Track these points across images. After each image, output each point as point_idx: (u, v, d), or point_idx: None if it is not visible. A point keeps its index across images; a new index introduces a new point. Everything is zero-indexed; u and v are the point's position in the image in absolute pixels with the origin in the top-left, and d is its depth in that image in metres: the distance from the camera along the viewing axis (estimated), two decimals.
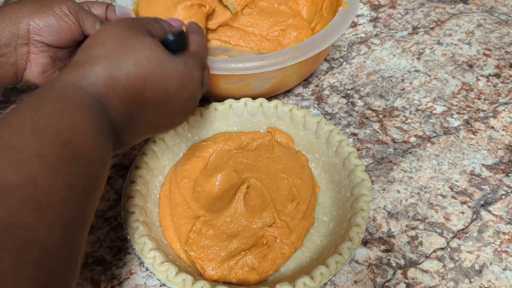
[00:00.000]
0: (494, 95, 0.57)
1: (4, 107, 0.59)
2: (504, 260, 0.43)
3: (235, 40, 0.60)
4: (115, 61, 0.32)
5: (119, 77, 0.31)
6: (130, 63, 0.32)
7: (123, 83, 0.32)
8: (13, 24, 0.46)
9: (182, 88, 0.35)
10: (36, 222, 0.23)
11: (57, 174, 0.25)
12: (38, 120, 0.27)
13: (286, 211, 0.44)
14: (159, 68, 0.33)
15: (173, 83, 0.34)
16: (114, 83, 0.31)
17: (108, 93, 0.31)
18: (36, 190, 0.24)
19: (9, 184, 0.23)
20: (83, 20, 0.49)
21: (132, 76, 0.32)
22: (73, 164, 0.26)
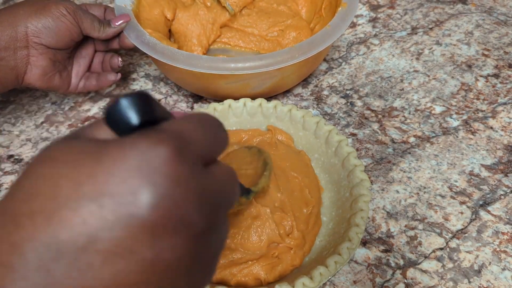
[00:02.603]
0: (493, 95, 0.57)
1: (3, 107, 0.59)
2: (503, 260, 0.43)
3: (234, 41, 0.61)
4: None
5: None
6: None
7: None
8: (11, 27, 0.46)
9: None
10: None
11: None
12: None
13: (302, 217, 0.42)
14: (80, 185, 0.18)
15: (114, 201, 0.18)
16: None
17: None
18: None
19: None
20: (81, 20, 0.49)
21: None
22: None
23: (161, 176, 0.18)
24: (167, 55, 0.49)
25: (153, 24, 0.57)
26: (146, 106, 0.20)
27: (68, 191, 0.18)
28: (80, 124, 0.56)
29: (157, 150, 0.18)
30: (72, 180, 0.18)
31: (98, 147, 0.19)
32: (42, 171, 0.18)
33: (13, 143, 0.55)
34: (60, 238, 0.17)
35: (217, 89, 0.53)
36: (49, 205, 0.18)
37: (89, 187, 0.18)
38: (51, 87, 0.51)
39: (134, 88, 0.60)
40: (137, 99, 0.19)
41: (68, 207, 0.17)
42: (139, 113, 0.19)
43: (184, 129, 0.20)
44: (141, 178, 0.18)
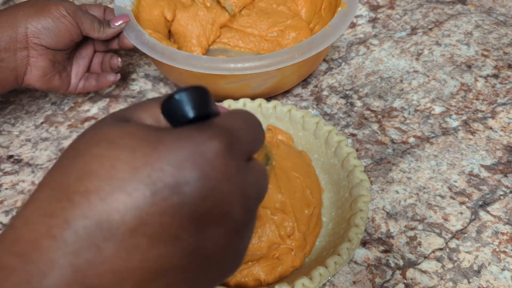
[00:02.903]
0: (492, 95, 0.57)
1: (3, 108, 0.59)
2: (503, 260, 0.43)
3: (234, 41, 0.61)
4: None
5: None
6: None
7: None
8: (11, 28, 0.46)
9: (193, 193, 0.19)
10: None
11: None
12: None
13: (304, 218, 0.42)
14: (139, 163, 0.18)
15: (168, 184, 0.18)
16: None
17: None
18: None
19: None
20: (81, 20, 0.49)
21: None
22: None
23: (213, 169, 0.19)
24: (167, 56, 0.49)
25: (152, 25, 0.57)
26: (202, 101, 0.20)
27: (124, 174, 0.18)
28: (80, 125, 0.56)
29: (211, 144, 0.19)
30: (129, 164, 0.18)
31: (156, 135, 0.19)
32: (99, 152, 0.19)
33: (13, 144, 0.55)
34: (113, 218, 0.18)
35: (217, 89, 0.53)
36: (104, 186, 0.18)
37: (144, 173, 0.18)
38: (51, 88, 0.51)
39: (133, 88, 0.60)
40: (195, 94, 0.20)
41: (123, 189, 0.18)
42: (195, 107, 0.20)
43: (234, 126, 0.21)
44: (194, 169, 0.19)
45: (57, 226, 0.18)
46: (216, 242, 0.20)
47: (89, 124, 0.56)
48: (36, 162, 0.52)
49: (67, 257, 0.18)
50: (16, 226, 0.19)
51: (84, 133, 0.21)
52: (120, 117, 0.21)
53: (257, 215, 0.41)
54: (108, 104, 0.58)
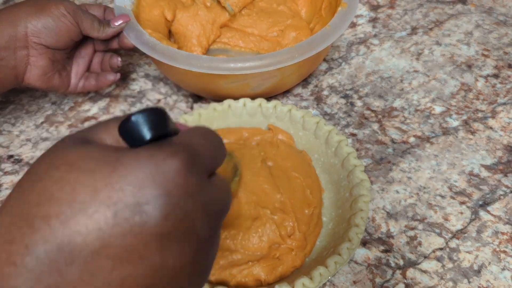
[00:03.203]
0: (492, 95, 0.57)
1: (3, 107, 0.59)
2: (503, 260, 0.43)
3: (234, 41, 0.60)
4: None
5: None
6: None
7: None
8: (11, 27, 0.46)
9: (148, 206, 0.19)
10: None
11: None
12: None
13: (304, 218, 0.42)
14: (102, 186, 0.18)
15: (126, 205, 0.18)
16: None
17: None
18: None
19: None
20: (81, 20, 0.49)
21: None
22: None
23: (174, 186, 0.19)
24: (167, 55, 0.49)
25: (153, 25, 0.57)
26: (159, 122, 0.21)
27: (85, 196, 0.18)
28: (80, 124, 0.56)
29: (171, 161, 0.19)
30: (89, 186, 0.18)
31: (115, 155, 0.19)
32: (59, 175, 0.19)
33: (13, 143, 0.55)
34: (75, 241, 0.18)
35: (217, 89, 0.53)
36: (65, 209, 0.18)
37: (105, 195, 0.18)
38: (51, 87, 0.51)
39: (134, 88, 0.60)
40: (151, 116, 0.20)
41: (84, 212, 0.18)
42: (152, 129, 0.20)
43: (193, 142, 0.21)
44: (155, 188, 0.19)
45: (18, 253, 0.18)
46: (181, 259, 0.20)
47: (89, 124, 0.56)
48: None
49: (29, 283, 0.17)
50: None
51: (43, 155, 0.20)
52: (80, 138, 0.21)
53: (257, 215, 0.41)
54: (108, 104, 0.58)
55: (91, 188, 0.18)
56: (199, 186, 0.20)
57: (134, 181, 0.18)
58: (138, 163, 0.19)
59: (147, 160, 0.19)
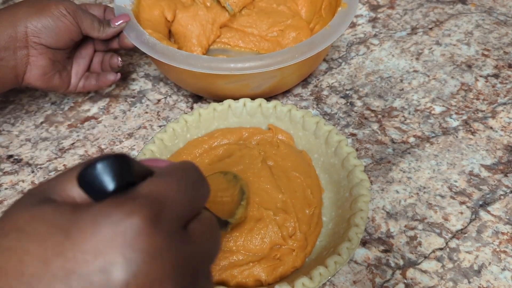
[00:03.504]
0: (492, 95, 0.57)
1: (3, 107, 0.59)
2: (503, 260, 0.43)
3: (234, 41, 0.60)
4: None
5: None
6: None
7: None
8: (11, 27, 0.46)
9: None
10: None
11: None
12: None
13: (305, 218, 0.42)
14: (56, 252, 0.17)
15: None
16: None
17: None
18: None
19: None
20: (81, 19, 0.49)
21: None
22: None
23: (135, 250, 0.17)
24: (167, 55, 0.49)
25: (153, 25, 0.57)
26: (123, 169, 0.18)
27: (34, 269, 0.16)
28: (79, 124, 0.56)
29: (130, 221, 0.17)
30: (38, 257, 0.16)
31: (70, 218, 0.17)
32: (7, 244, 0.17)
33: (12, 143, 0.55)
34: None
35: (217, 89, 0.53)
36: (14, 284, 0.16)
37: (56, 265, 0.16)
38: (51, 87, 0.51)
39: (134, 88, 0.60)
40: (112, 162, 0.18)
41: (33, 287, 0.16)
42: (115, 177, 0.18)
43: (161, 190, 0.18)
44: (112, 254, 0.17)
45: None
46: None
47: (89, 124, 0.56)
48: (36, 162, 0.52)
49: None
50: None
51: (1, 219, 0.18)
52: (40, 195, 0.19)
53: (260, 216, 0.41)
54: (108, 104, 0.58)
55: (41, 259, 0.16)
56: (169, 243, 0.18)
57: (89, 248, 0.16)
58: (95, 226, 0.17)
59: (104, 222, 0.17)
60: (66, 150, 0.53)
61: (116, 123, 0.56)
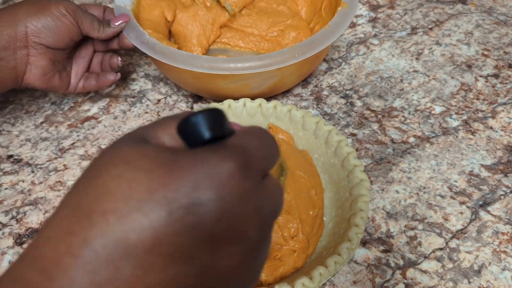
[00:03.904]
0: (492, 95, 0.57)
1: (3, 107, 0.59)
2: (503, 260, 0.43)
3: (234, 41, 0.60)
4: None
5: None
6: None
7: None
8: (10, 27, 0.46)
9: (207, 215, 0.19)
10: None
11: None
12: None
13: (308, 220, 0.42)
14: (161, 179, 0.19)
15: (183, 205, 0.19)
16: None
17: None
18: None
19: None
20: (81, 19, 0.49)
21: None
22: None
23: (228, 190, 0.19)
24: (167, 55, 0.49)
25: (153, 25, 0.57)
26: (217, 122, 0.21)
27: (141, 195, 0.18)
28: (80, 124, 0.56)
29: (225, 165, 0.19)
30: (145, 185, 0.19)
31: (171, 157, 0.20)
32: (117, 172, 0.19)
33: (12, 143, 0.55)
34: (130, 238, 0.18)
35: (217, 89, 0.53)
36: (121, 206, 0.18)
37: (160, 194, 0.18)
38: (51, 87, 0.51)
39: (133, 88, 0.60)
40: (210, 116, 0.21)
41: (139, 210, 0.18)
42: (211, 129, 0.20)
43: (248, 144, 0.21)
44: (209, 190, 0.19)
45: (77, 245, 0.18)
46: (230, 262, 0.20)
47: (89, 124, 0.56)
48: (35, 162, 0.52)
49: (86, 275, 0.18)
50: (39, 245, 0.19)
51: (103, 152, 0.21)
52: (138, 137, 0.21)
53: None
54: (108, 104, 0.58)
55: (147, 187, 0.19)
56: (253, 189, 0.20)
57: (189, 182, 0.19)
58: (194, 166, 0.19)
59: (202, 163, 0.19)
60: (66, 150, 0.53)
61: (116, 123, 0.56)
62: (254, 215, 0.20)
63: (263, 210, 0.21)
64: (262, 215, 0.21)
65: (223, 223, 0.19)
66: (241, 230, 0.20)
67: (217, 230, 0.19)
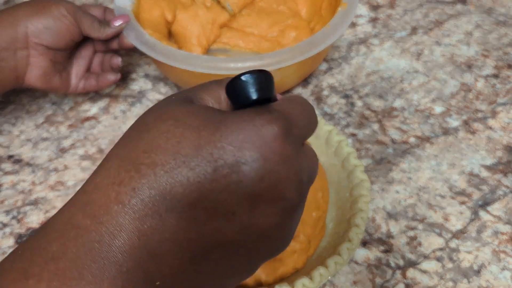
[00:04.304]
0: (492, 95, 0.57)
1: (3, 107, 0.59)
2: (503, 260, 0.43)
3: (234, 41, 0.60)
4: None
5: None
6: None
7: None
8: (11, 28, 0.46)
9: (249, 175, 0.20)
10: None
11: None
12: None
13: (310, 221, 0.42)
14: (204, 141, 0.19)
15: (229, 163, 0.20)
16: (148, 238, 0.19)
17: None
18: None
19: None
20: (81, 20, 0.49)
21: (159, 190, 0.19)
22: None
23: (271, 152, 0.20)
24: (167, 55, 0.49)
25: (153, 25, 0.57)
26: (266, 85, 0.21)
27: (189, 150, 0.19)
28: (80, 124, 0.56)
29: (270, 128, 0.20)
30: (193, 141, 0.19)
31: (218, 116, 0.20)
32: (166, 128, 0.20)
33: (13, 143, 0.55)
34: (176, 190, 0.19)
35: None
36: (170, 160, 0.19)
37: (207, 151, 0.19)
38: (51, 88, 0.51)
39: (134, 88, 0.60)
40: (260, 77, 0.21)
41: (186, 165, 0.19)
42: (258, 90, 0.21)
43: (291, 111, 0.22)
44: (253, 150, 0.20)
45: (125, 193, 0.19)
46: (269, 220, 0.21)
47: (89, 124, 0.56)
48: (36, 162, 0.52)
49: (134, 222, 0.19)
50: (88, 191, 0.20)
51: (152, 109, 0.22)
52: (184, 97, 0.22)
53: None
54: (108, 104, 0.58)
55: (195, 143, 0.19)
56: (294, 154, 0.21)
57: (234, 142, 0.20)
58: (240, 126, 0.20)
59: (248, 124, 0.20)
60: (66, 150, 0.54)
61: (116, 123, 0.56)
62: (293, 178, 0.21)
63: (302, 174, 0.22)
64: (300, 179, 0.22)
65: (264, 183, 0.20)
66: (281, 191, 0.21)
67: (258, 189, 0.20)
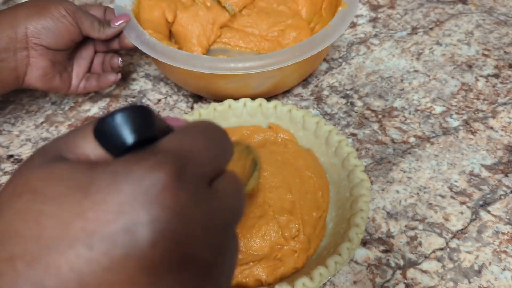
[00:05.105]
0: (493, 95, 0.57)
1: (3, 107, 0.59)
2: (503, 260, 0.43)
3: (234, 41, 0.60)
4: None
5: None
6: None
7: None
8: (10, 28, 0.46)
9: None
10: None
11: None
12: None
13: (311, 221, 0.42)
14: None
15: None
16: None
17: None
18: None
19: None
20: (81, 20, 0.49)
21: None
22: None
23: (160, 208, 0.16)
24: (167, 55, 0.49)
25: (153, 25, 0.57)
26: (143, 122, 0.17)
27: (53, 231, 0.15)
28: (80, 124, 0.56)
29: (154, 176, 0.16)
30: (57, 218, 0.15)
31: (88, 176, 0.16)
32: (21, 206, 0.16)
33: (13, 143, 0.55)
34: (46, 285, 0.15)
35: (217, 89, 0.53)
36: (31, 248, 0.15)
37: (77, 227, 0.15)
38: (52, 88, 0.51)
39: (134, 88, 0.60)
40: (132, 114, 0.16)
41: (53, 250, 0.15)
42: (135, 130, 0.17)
43: (185, 145, 0.17)
44: (136, 213, 0.15)
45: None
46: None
47: None
48: None
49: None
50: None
51: (8, 181, 0.17)
52: (52, 153, 0.17)
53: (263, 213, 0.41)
54: (108, 104, 0.58)
55: (59, 220, 0.15)
56: (195, 200, 0.17)
57: (110, 207, 0.15)
58: (115, 184, 0.16)
59: (125, 178, 0.16)
60: None
61: None
62: (200, 231, 0.17)
63: (213, 222, 0.17)
64: (212, 229, 0.17)
65: (159, 250, 0.16)
66: (185, 253, 0.16)
67: (154, 258, 0.16)
